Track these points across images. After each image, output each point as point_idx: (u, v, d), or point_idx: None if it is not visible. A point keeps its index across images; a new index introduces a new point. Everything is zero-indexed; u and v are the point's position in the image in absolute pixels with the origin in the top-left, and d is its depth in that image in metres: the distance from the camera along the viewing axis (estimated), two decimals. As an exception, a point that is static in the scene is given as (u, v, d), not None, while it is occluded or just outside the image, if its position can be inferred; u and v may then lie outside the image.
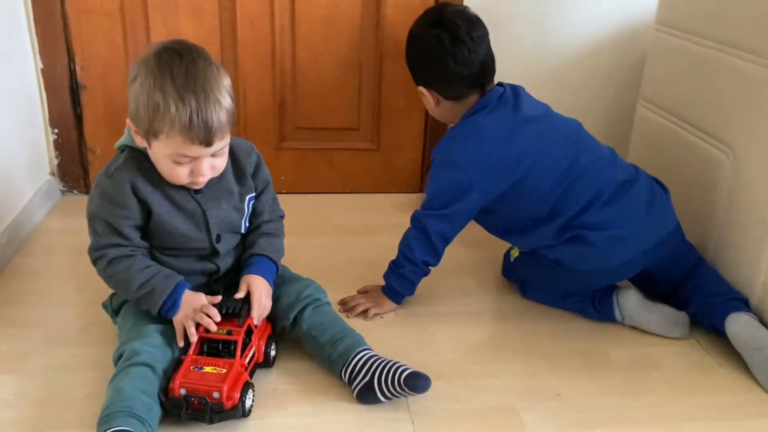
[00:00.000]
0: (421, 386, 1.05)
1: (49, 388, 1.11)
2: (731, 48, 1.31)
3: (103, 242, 1.09)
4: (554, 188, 1.25)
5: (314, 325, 1.16)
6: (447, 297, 1.44)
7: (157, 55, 1.02)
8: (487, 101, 1.28)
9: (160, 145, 1.02)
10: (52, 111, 1.74)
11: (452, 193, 1.26)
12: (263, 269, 1.17)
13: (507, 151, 1.24)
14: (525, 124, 1.26)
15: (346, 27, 1.75)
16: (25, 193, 1.65)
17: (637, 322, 1.31)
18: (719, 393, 1.18)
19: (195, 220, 1.12)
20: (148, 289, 1.08)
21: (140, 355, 1.02)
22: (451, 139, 1.29)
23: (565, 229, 1.25)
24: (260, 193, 1.21)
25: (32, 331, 1.26)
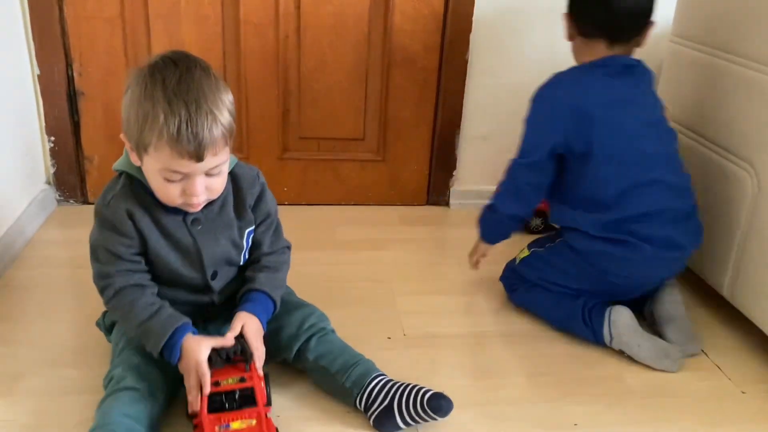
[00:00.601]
0: (444, 408, 1.01)
1: (41, 413, 1.06)
2: (751, 61, 1.27)
3: (109, 270, 1.02)
4: (624, 176, 1.23)
5: (322, 354, 1.10)
6: (456, 317, 1.40)
7: (152, 63, 0.96)
8: (611, 63, 1.26)
9: (150, 160, 0.95)
10: (49, 118, 1.70)
11: (538, 133, 1.28)
12: (258, 307, 1.08)
13: (595, 109, 1.23)
14: (627, 105, 1.25)
15: (353, 35, 1.71)
16: (20, 203, 1.60)
17: (627, 345, 1.25)
18: (742, 423, 1.14)
19: (189, 258, 1.06)
20: (146, 328, 1.00)
21: (127, 380, 0.98)
22: (551, 79, 1.30)
23: (616, 226, 1.23)
24: (261, 223, 1.13)
25: (25, 350, 1.21)
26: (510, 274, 1.43)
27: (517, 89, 1.80)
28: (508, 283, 1.43)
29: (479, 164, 1.87)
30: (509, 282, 1.42)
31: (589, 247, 1.27)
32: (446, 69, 1.76)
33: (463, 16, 1.71)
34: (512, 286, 1.41)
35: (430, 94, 1.80)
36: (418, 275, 1.55)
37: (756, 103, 1.26)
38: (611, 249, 1.24)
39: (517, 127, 1.83)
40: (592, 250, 1.26)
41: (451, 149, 1.85)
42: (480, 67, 1.77)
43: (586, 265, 1.28)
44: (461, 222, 1.83)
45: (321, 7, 1.67)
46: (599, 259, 1.26)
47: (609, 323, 1.26)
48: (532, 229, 1.76)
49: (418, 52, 1.74)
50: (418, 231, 1.77)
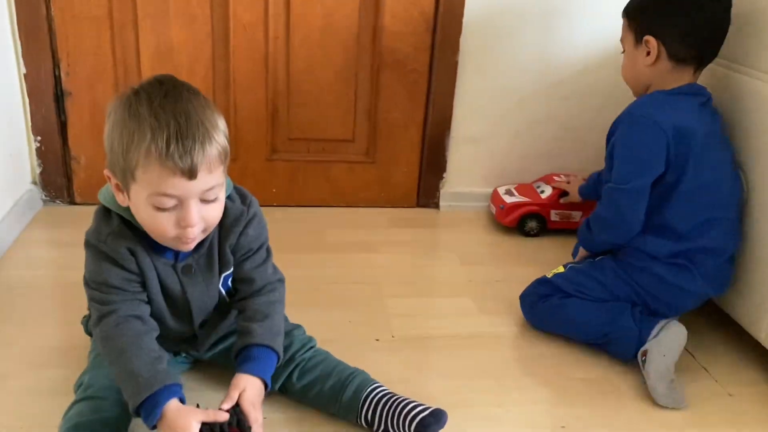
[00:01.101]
0: (432, 428, 0.99)
1: (26, 414, 1.04)
2: (739, 65, 1.28)
3: (111, 298, 0.94)
4: (703, 210, 1.22)
5: (308, 385, 1.06)
6: (447, 319, 1.39)
7: (134, 88, 0.89)
8: (701, 92, 1.25)
9: (138, 189, 0.86)
10: (35, 118, 1.68)
11: (641, 157, 1.21)
12: (261, 365, 0.98)
13: (694, 136, 1.19)
14: (715, 137, 1.24)
15: (343, 36, 1.71)
16: (5, 203, 1.59)
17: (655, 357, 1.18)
18: (728, 425, 1.14)
19: (178, 308, 1.01)
20: (133, 375, 0.89)
21: (91, 389, 0.96)
22: (643, 101, 1.25)
23: (683, 254, 1.23)
24: (246, 259, 1.03)
25: (10, 351, 1.19)
26: (540, 286, 1.33)
27: (508, 91, 1.82)
28: (535, 294, 1.33)
29: (469, 166, 1.87)
30: (537, 292, 1.33)
31: (651, 267, 1.24)
32: (436, 71, 1.76)
33: (454, 18, 1.71)
34: (541, 297, 1.32)
35: (420, 96, 1.80)
36: (407, 278, 1.55)
37: (743, 106, 1.27)
38: (668, 274, 1.23)
39: (507, 130, 1.85)
40: (650, 271, 1.24)
41: (441, 151, 1.85)
42: (470, 69, 1.77)
43: (633, 283, 1.26)
44: (451, 224, 1.83)
45: (310, 7, 1.67)
46: (652, 281, 1.25)
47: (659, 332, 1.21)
48: (527, 232, 1.76)
49: (409, 54, 1.74)
50: (408, 233, 1.77)
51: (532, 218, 1.74)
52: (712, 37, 1.23)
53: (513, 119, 1.84)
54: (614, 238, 1.28)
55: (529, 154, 1.87)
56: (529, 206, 1.74)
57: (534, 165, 1.87)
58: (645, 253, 1.25)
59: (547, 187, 1.77)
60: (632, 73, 1.30)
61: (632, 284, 1.26)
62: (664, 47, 1.23)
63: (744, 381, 1.25)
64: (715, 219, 1.22)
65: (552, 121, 1.85)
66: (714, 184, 1.22)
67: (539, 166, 1.87)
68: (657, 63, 1.24)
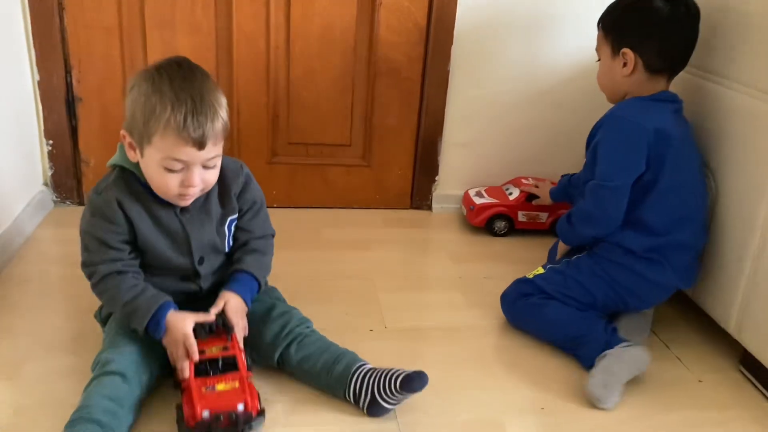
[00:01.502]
0: (415, 386, 1.08)
1: (42, 395, 1.12)
2: (711, 74, 1.37)
3: (95, 258, 1.10)
4: (679, 208, 1.30)
5: (303, 358, 1.16)
6: (436, 312, 1.47)
7: (157, 65, 1.06)
8: (675, 99, 1.33)
9: (152, 151, 1.04)
10: (48, 122, 1.76)
11: (622, 156, 1.28)
12: (244, 287, 1.16)
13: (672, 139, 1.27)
14: (689, 141, 1.33)
15: (340, 46, 1.80)
16: (18, 203, 1.67)
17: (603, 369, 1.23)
18: (698, 408, 1.22)
19: (178, 242, 1.14)
20: (132, 308, 1.08)
21: (112, 364, 1.04)
22: (622, 106, 1.33)
23: (658, 249, 1.30)
24: (248, 211, 1.21)
25: (25, 339, 1.27)
26: (521, 285, 1.39)
27: (496, 99, 1.90)
28: (515, 293, 1.39)
29: (460, 170, 1.95)
30: (518, 291, 1.38)
31: (625, 262, 1.31)
32: (429, 79, 1.84)
33: (445, 29, 1.79)
34: (522, 296, 1.37)
35: (414, 103, 1.88)
36: (400, 274, 1.63)
37: (718, 114, 1.35)
38: (644, 269, 1.30)
39: (496, 136, 1.94)
40: (627, 267, 1.31)
41: (433, 155, 1.93)
42: (461, 78, 1.85)
43: (609, 278, 1.32)
44: (443, 225, 1.91)
45: (310, 18, 1.75)
46: (627, 275, 1.31)
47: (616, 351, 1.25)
48: (496, 232, 1.84)
49: (403, 63, 1.83)
50: (402, 233, 1.85)
51: (501, 219, 1.82)
52: (684, 50, 1.32)
53: (501, 125, 1.93)
54: (596, 232, 1.35)
55: (516, 159, 1.95)
56: (498, 207, 1.82)
57: (521, 169, 1.95)
58: (621, 247, 1.32)
59: (516, 189, 1.85)
60: (609, 81, 1.38)
61: (608, 280, 1.33)
62: (641, 59, 1.31)
63: (713, 368, 1.33)
64: (687, 217, 1.30)
65: (538, 127, 1.93)
66: (687, 185, 1.30)
67: (526, 170, 1.94)
68: (633, 73, 1.32)
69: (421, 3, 1.77)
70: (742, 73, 1.28)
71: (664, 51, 1.30)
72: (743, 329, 1.28)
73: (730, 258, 1.31)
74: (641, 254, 1.31)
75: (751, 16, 1.27)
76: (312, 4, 1.74)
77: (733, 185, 1.30)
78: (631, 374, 1.23)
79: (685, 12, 1.29)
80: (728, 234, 1.32)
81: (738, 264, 1.28)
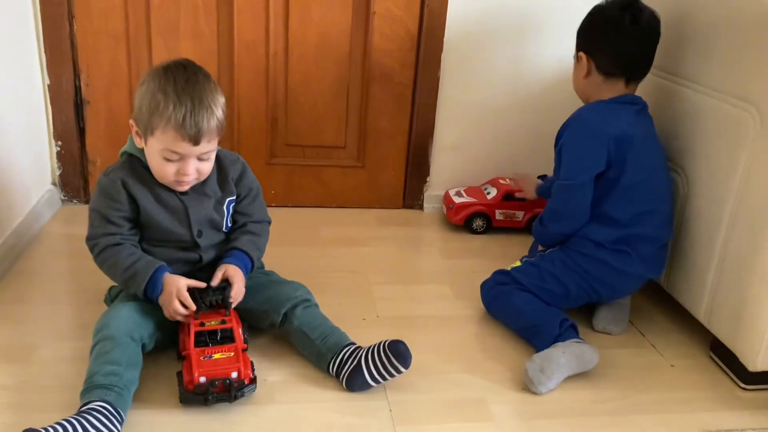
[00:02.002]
0: (402, 352, 1.17)
1: (55, 376, 1.20)
2: (681, 78, 1.45)
3: (97, 232, 1.22)
4: (641, 202, 1.37)
5: (304, 322, 1.26)
6: (425, 303, 1.55)
7: (165, 65, 1.18)
8: (637, 101, 1.41)
9: (154, 142, 1.16)
10: (57, 124, 1.84)
11: (583, 156, 1.38)
12: (240, 262, 1.27)
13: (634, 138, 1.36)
14: (652, 140, 1.41)
15: (336, 53, 1.88)
16: (29, 201, 1.74)
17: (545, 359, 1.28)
18: (669, 390, 1.30)
19: (177, 216, 1.25)
20: (131, 272, 1.19)
21: (102, 330, 1.14)
22: (585, 108, 1.43)
23: (624, 241, 1.38)
24: (245, 197, 1.32)
25: (38, 326, 1.35)
26: (498, 276, 1.46)
27: (485, 103, 1.99)
28: (493, 281, 1.47)
29: (450, 171, 2.03)
30: (495, 279, 1.46)
31: (595, 254, 1.38)
32: (420, 85, 1.93)
33: (436, 37, 1.88)
34: (498, 284, 1.45)
35: (406, 107, 1.96)
36: (392, 268, 1.71)
37: (691, 118, 1.44)
38: (612, 259, 1.38)
39: (484, 139, 2.02)
40: (597, 258, 1.38)
41: (424, 157, 2.02)
42: (451, 84, 1.93)
43: (581, 269, 1.40)
44: (434, 223, 1.99)
45: (307, 27, 1.84)
46: (597, 265, 1.39)
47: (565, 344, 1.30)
48: (474, 229, 1.92)
49: (395, 69, 1.91)
50: (394, 231, 1.93)
51: (479, 217, 1.91)
52: (635, 56, 1.40)
53: (489, 128, 2.01)
54: (565, 229, 1.43)
55: (504, 160, 2.04)
56: (476, 206, 1.91)
57: (508, 170, 2.03)
58: (591, 240, 1.39)
59: (494, 189, 1.94)
60: (575, 84, 1.50)
61: (579, 271, 1.40)
62: (594, 63, 1.42)
63: (685, 354, 1.41)
64: (649, 211, 1.38)
65: (525, 130, 2.02)
66: (649, 181, 1.39)
67: (512, 171, 2.02)
68: (589, 76, 1.43)
69: (412, 12, 1.86)
70: (707, 77, 1.38)
71: (613, 56, 1.39)
72: (713, 317, 1.36)
73: (699, 251, 1.39)
74: (609, 246, 1.38)
75: (715, 25, 1.36)
76: (309, 13, 1.83)
77: (702, 182, 1.39)
78: (573, 369, 1.28)
79: (631, 20, 1.36)
80: (697, 228, 1.40)
81: (707, 256, 1.37)
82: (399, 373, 1.19)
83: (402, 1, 1.85)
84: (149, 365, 1.18)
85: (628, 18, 1.37)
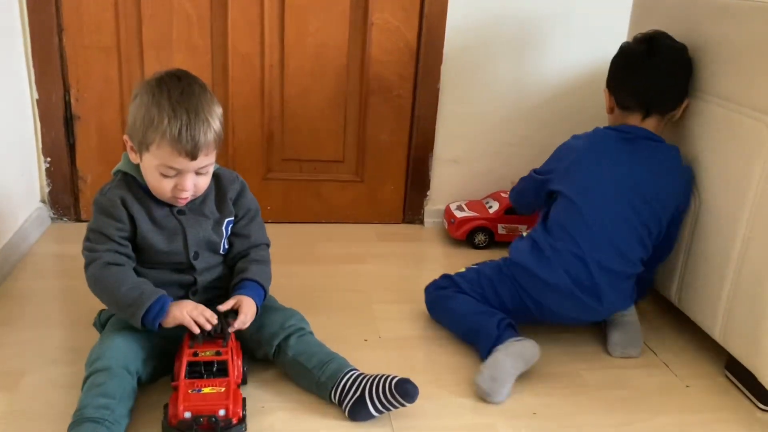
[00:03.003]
0: (410, 392, 1.11)
1: (45, 403, 1.14)
2: (696, 90, 1.41)
3: (97, 247, 1.15)
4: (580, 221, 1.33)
5: (300, 352, 1.20)
6: (428, 322, 1.50)
7: (158, 77, 1.13)
8: (631, 130, 1.38)
9: (150, 157, 1.11)
10: (46, 140, 1.80)
11: (552, 161, 1.46)
12: (254, 293, 1.21)
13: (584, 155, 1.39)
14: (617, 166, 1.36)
15: (333, 65, 1.85)
16: (17, 220, 1.69)
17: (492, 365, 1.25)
18: (687, 412, 1.25)
19: (174, 237, 1.19)
20: (137, 292, 1.11)
21: (98, 361, 1.08)
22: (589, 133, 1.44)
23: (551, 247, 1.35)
24: (243, 217, 1.27)
25: (26, 350, 1.29)
26: (440, 280, 1.46)
27: (484, 116, 1.95)
28: (434, 285, 1.46)
29: (451, 185, 2.00)
30: (436, 283, 1.46)
31: (526, 261, 1.35)
32: (420, 97, 1.89)
33: (435, 49, 1.85)
34: (438, 288, 1.45)
35: (405, 120, 1.93)
36: (393, 286, 1.66)
37: (700, 129, 1.40)
38: (535, 265, 1.33)
39: (485, 151, 1.99)
40: (526, 266, 1.34)
41: (424, 171, 1.98)
42: (450, 96, 1.90)
43: (512, 276, 1.37)
44: (435, 238, 1.95)
45: (303, 39, 1.81)
46: (525, 274, 1.35)
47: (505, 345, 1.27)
48: (476, 244, 1.88)
49: (394, 81, 1.88)
50: (395, 247, 1.88)
51: (481, 231, 1.87)
52: (649, 89, 1.37)
53: (490, 141, 1.98)
54: (517, 205, 1.65)
55: (504, 173, 1.99)
56: (478, 220, 1.87)
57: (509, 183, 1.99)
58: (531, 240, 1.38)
59: (495, 202, 1.90)
60: (609, 118, 1.49)
61: (510, 277, 1.37)
62: (614, 97, 1.43)
63: (700, 374, 1.36)
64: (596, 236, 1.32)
65: (525, 142, 1.98)
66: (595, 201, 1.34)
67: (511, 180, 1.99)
68: (613, 111, 1.44)
69: (411, 23, 1.83)
70: (718, 86, 1.34)
71: (630, 89, 1.39)
72: (728, 335, 1.32)
73: (713, 266, 1.35)
74: (536, 249, 1.35)
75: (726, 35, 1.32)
76: (305, 24, 1.79)
77: (715, 196, 1.35)
78: (519, 368, 1.26)
79: (647, 52, 1.36)
80: (710, 243, 1.36)
81: (721, 272, 1.32)
82: (404, 407, 1.14)
83: (400, 13, 1.81)
84: (140, 392, 1.12)
85: (644, 50, 1.37)
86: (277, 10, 1.78)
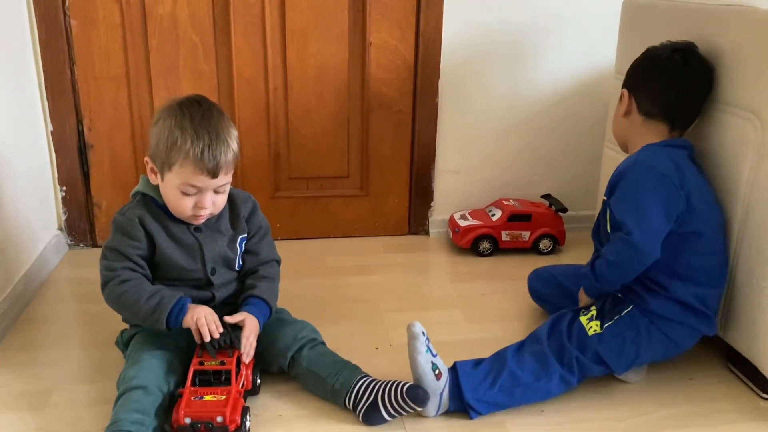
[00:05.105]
0: (421, 397, 1.16)
1: (71, 422, 1.19)
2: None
3: (116, 265, 1.20)
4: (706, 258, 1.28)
5: (313, 362, 1.25)
6: (437, 328, 1.52)
7: (179, 102, 1.20)
8: (688, 146, 1.31)
9: (172, 177, 1.18)
10: (61, 170, 1.86)
11: (653, 208, 1.23)
12: (259, 311, 1.26)
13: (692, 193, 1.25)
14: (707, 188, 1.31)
15: (335, 85, 1.90)
16: (37, 247, 1.75)
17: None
18: (691, 404, 1.29)
19: (192, 253, 1.25)
20: (157, 298, 1.18)
21: (134, 380, 1.13)
22: (643, 154, 1.29)
23: (701, 299, 1.28)
24: (255, 235, 1.33)
25: (51, 371, 1.34)
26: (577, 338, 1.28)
27: (483, 127, 2.01)
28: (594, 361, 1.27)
29: (453, 195, 2.04)
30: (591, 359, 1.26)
31: (684, 320, 1.27)
32: (419, 111, 1.95)
33: (432, 65, 1.91)
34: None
35: (406, 134, 1.98)
36: (402, 295, 1.70)
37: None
38: (698, 323, 1.28)
39: (486, 161, 2.03)
40: (685, 324, 1.28)
41: (427, 182, 2.03)
42: (449, 109, 1.96)
43: (666, 339, 1.28)
44: (441, 248, 1.99)
45: (305, 61, 1.87)
46: (687, 333, 1.29)
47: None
48: (481, 252, 1.92)
49: (394, 98, 1.94)
50: (401, 257, 1.93)
51: (485, 239, 1.91)
52: (678, 99, 1.32)
53: (490, 151, 2.03)
54: (623, 281, 1.29)
55: (506, 182, 2.05)
56: (482, 228, 1.91)
57: (509, 191, 2.05)
58: (678, 302, 1.27)
59: (498, 210, 1.94)
60: (614, 123, 1.43)
61: (665, 341, 1.28)
62: (635, 101, 1.35)
63: (702, 366, 1.40)
64: (714, 264, 1.30)
65: (525, 150, 2.03)
66: (711, 234, 1.29)
67: (514, 192, 2.04)
68: (629, 115, 1.36)
69: (408, 41, 1.89)
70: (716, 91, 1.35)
71: (656, 94, 1.32)
72: (728, 328, 1.35)
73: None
74: (697, 306, 1.27)
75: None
76: (306, 47, 1.86)
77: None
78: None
79: (681, 61, 1.30)
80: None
81: (718, 266, 1.35)
82: (416, 410, 1.19)
83: (397, 32, 1.88)
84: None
85: (678, 58, 1.31)
86: (279, 35, 1.84)
